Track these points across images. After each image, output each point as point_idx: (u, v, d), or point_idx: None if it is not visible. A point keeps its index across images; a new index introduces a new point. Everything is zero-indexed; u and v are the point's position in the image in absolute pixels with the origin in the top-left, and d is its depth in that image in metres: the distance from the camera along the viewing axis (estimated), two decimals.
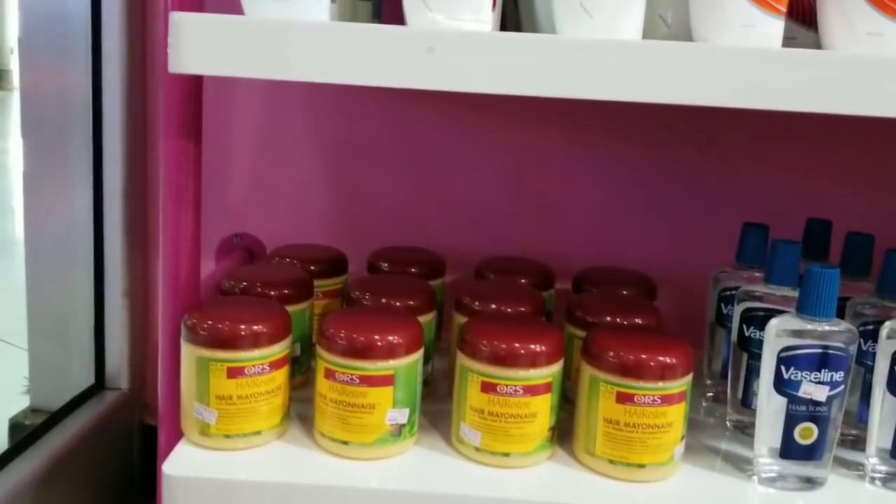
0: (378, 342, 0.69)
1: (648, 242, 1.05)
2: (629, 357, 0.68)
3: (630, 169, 1.04)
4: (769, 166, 1.03)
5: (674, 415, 0.69)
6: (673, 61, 0.60)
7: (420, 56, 0.60)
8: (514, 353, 0.69)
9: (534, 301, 0.83)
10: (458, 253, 1.02)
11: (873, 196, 1.02)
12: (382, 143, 1.06)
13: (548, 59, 0.60)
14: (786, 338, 0.67)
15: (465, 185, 1.06)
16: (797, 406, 0.68)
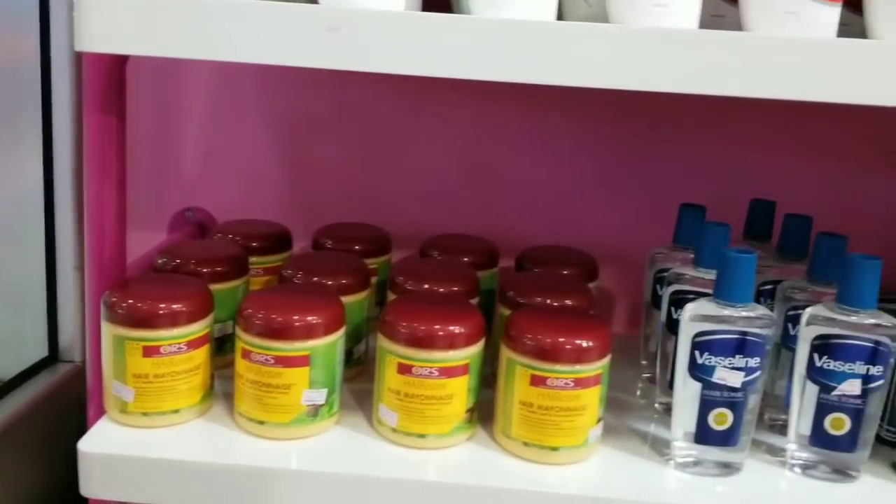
0: (294, 323, 0.69)
1: (599, 221, 1.04)
2: (544, 340, 0.67)
3: (582, 147, 1.03)
4: (722, 146, 1.02)
5: (588, 398, 0.68)
6: (583, 43, 0.58)
7: (323, 35, 0.59)
8: (431, 335, 0.69)
9: (467, 281, 0.83)
10: (409, 230, 1.01)
11: (823, 177, 1.00)
12: (335, 118, 1.05)
13: (454, 39, 0.59)
14: (701, 323, 0.67)
15: (417, 161, 1.06)
16: (711, 391, 0.67)
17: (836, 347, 0.67)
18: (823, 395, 0.68)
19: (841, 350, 0.66)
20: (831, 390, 0.68)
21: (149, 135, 1.06)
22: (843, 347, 0.66)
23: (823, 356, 0.67)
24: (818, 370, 0.68)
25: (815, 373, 0.68)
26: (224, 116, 1.06)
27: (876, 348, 0.66)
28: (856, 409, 0.68)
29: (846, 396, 0.67)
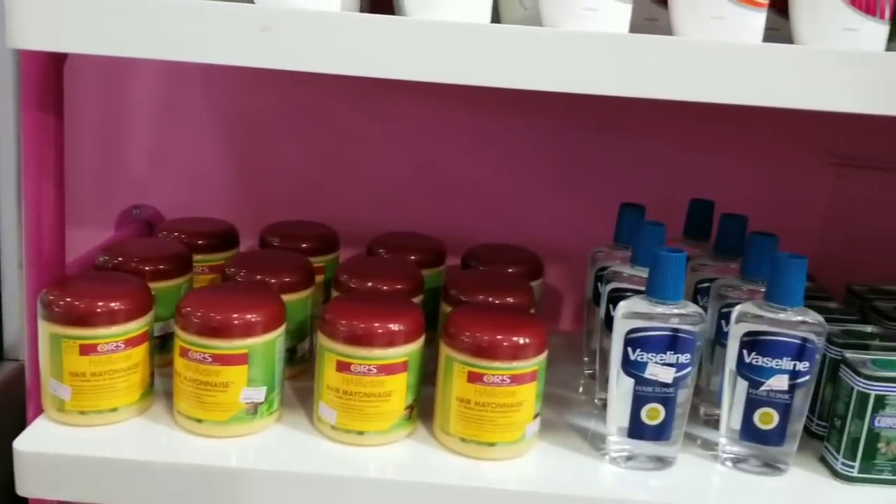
0: (232, 321, 0.69)
1: (546, 219, 1.05)
2: (480, 337, 0.68)
3: (530, 146, 1.04)
4: (668, 146, 1.03)
5: (524, 394, 0.69)
6: (512, 45, 0.59)
7: (257, 34, 0.59)
8: (369, 333, 0.69)
9: (410, 279, 0.83)
10: (357, 228, 1.01)
11: (764, 178, 1.03)
12: (284, 116, 1.05)
13: (385, 40, 0.59)
14: (633, 320, 0.68)
15: (367, 160, 1.06)
16: (644, 387, 0.69)
17: (764, 344, 0.68)
18: (752, 390, 0.70)
19: (769, 346, 0.68)
20: (760, 386, 0.69)
21: (97, 132, 1.05)
22: (770, 344, 0.68)
23: (752, 352, 0.69)
24: (747, 366, 0.69)
25: (744, 369, 0.70)
26: (173, 114, 1.05)
27: (803, 345, 0.68)
28: (783, 404, 0.69)
29: (774, 392, 0.69)
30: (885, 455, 0.70)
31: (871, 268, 1.00)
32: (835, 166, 1.02)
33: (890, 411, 0.68)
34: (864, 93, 0.58)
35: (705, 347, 0.80)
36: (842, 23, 0.62)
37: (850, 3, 0.62)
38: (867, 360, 0.70)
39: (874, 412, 0.68)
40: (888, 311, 0.84)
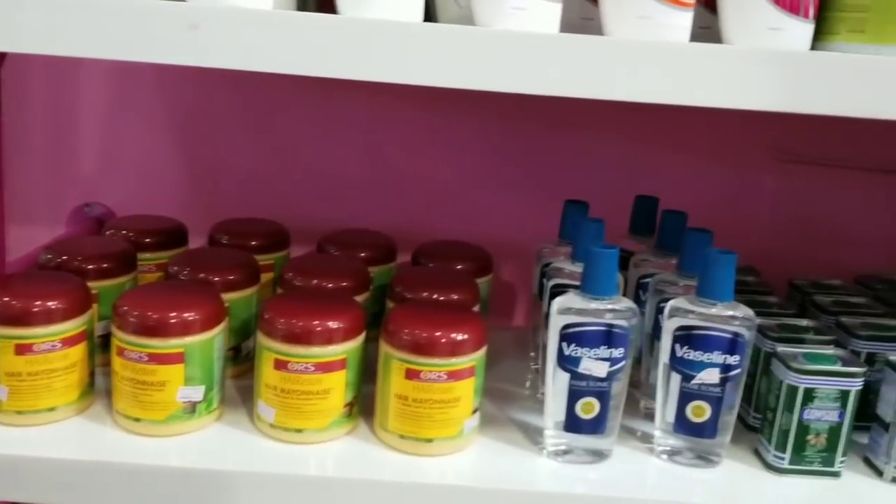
0: (168, 320, 0.69)
1: (498, 216, 1.06)
2: (417, 334, 0.69)
3: (482, 143, 1.05)
4: (618, 144, 1.04)
5: (461, 390, 0.70)
6: (441, 43, 0.60)
7: (184, 32, 0.59)
8: (307, 331, 0.69)
9: (356, 276, 0.83)
10: (309, 225, 1.02)
11: (711, 174, 1.04)
12: (234, 111, 1.05)
13: (315, 38, 0.59)
14: (568, 315, 0.69)
15: (319, 156, 1.06)
16: (579, 381, 0.70)
17: (695, 338, 0.69)
18: (685, 384, 0.71)
19: (700, 341, 0.69)
20: (692, 379, 0.70)
21: (47, 130, 1.05)
22: (702, 338, 0.69)
23: (684, 346, 0.70)
24: (680, 360, 0.70)
25: (677, 363, 0.71)
26: (125, 111, 1.05)
27: (733, 339, 0.69)
28: (715, 397, 0.71)
29: (706, 385, 0.70)
30: (815, 447, 0.71)
31: (815, 262, 1.02)
32: (780, 162, 1.03)
33: (819, 404, 0.70)
34: (786, 91, 0.59)
35: (645, 341, 0.81)
36: (767, 22, 0.63)
37: (775, 2, 0.63)
38: (798, 354, 0.71)
39: (803, 405, 0.70)
40: (826, 306, 0.86)
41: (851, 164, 1.03)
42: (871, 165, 1.03)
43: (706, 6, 0.68)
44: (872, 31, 0.63)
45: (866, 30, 0.63)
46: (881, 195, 1.04)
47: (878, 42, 0.63)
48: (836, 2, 0.64)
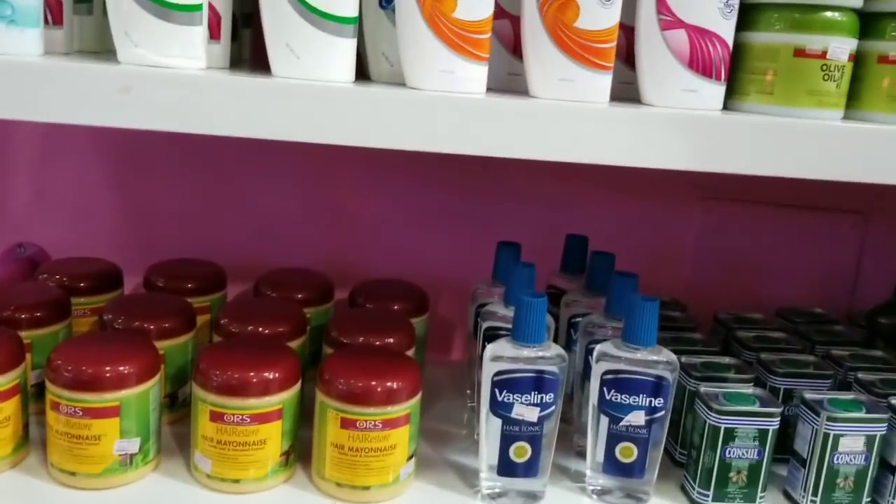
0: (102, 374, 0.69)
1: (436, 253, 1.08)
2: (352, 384, 0.70)
3: (421, 183, 1.07)
4: (550, 184, 1.07)
5: (397, 437, 0.71)
6: (367, 105, 0.61)
7: (117, 95, 0.60)
8: (243, 382, 0.70)
9: (292, 320, 0.84)
10: (248, 264, 1.02)
11: (638, 213, 1.07)
12: (169, 149, 1.05)
13: (245, 99, 0.61)
14: (499, 363, 0.71)
15: (256, 196, 1.07)
16: (511, 427, 0.72)
17: (622, 382, 0.72)
18: (613, 425, 0.73)
19: (626, 384, 0.72)
20: (619, 421, 0.73)
21: None
22: (627, 382, 0.72)
23: (612, 390, 0.73)
24: (608, 403, 0.73)
25: (605, 405, 0.73)
26: (59, 150, 1.04)
27: (658, 382, 0.72)
28: (642, 439, 0.73)
29: (632, 427, 0.73)
30: (736, 483, 0.74)
31: (740, 296, 1.06)
32: (703, 199, 1.08)
33: (739, 442, 0.73)
34: (695, 151, 0.63)
35: (577, 380, 0.84)
36: (682, 84, 0.67)
37: (689, 66, 0.66)
38: (719, 395, 0.75)
39: (725, 443, 0.73)
40: (747, 341, 0.90)
41: (770, 201, 1.07)
42: (788, 202, 1.08)
43: (627, 63, 0.71)
44: (780, 94, 0.66)
45: (774, 92, 0.67)
46: (799, 230, 1.09)
47: (784, 104, 0.66)
48: (747, 64, 0.68)
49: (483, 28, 0.63)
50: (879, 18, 0.68)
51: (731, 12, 0.66)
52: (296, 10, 0.61)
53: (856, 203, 1.09)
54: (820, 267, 1.10)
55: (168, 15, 0.61)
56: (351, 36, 0.63)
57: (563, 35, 0.64)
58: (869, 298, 1.05)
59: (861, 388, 0.80)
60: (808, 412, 0.75)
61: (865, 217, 1.09)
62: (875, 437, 0.73)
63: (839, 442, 0.73)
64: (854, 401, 0.76)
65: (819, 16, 0.66)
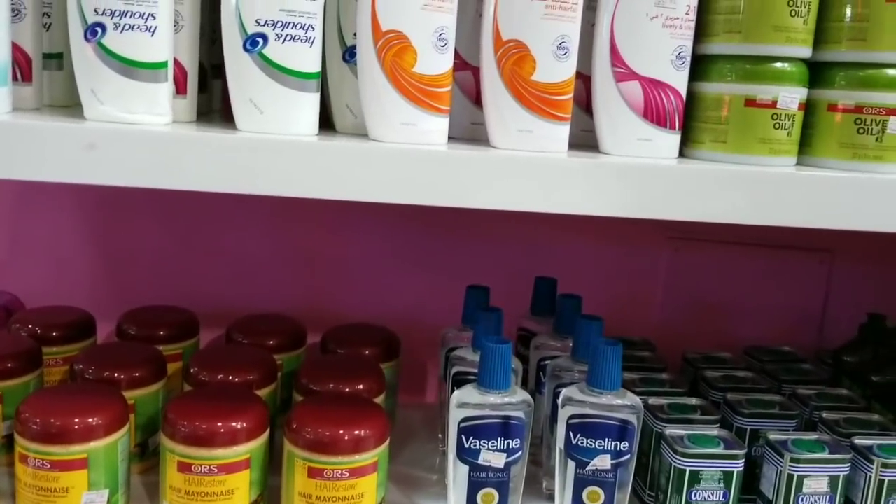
0: (71, 426, 0.69)
1: (409, 296, 1.09)
2: (320, 433, 0.71)
3: (391, 227, 1.08)
4: (520, 226, 1.08)
5: (365, 486, 0.72)
6: (329, 158, 0.63)
7: (82, 152, 0.61)
8: (211, 434, 0.70)
9: (262, 369, 0.85)
10: (220, 309, 1.03)
11: (607, 255, 1.09)
12: (143, 197, 1.06)
13: (213, 156, 0.62)
14: (465, 409, 0.72)
15: (229, 240, 1.08)
16: (478, 473, 0.72)
17: (587, 426, 0.73)
18: (580, 469, 0.74)
19: (591, 429, 0.73)
20: (586, 466, 0.74)
21: None
22: (593, 426, 0.73)
23: (578, 434, 0.73)
24: (574, 447, 0.74)
25: (571, 450, 0.74)
26: (32, 197, 1.05)
27: (622, 426, 0.73)
28: (609, 482, 0.74)
29: (599, 471, 0.74)
30: None
31: (708, 335, 1.08)
32: (672, 240, 1.09)
33: (704, 485, 0.74)
34: (648, 199, 0.64)
35: (546, 423, 0.85)
36: (637, 133, 0.68)
37: (644, 116, 0.68)
38: (684, 437, 0.76)
39: (690, 486, 0.74)
40: (715, 381, 0.91)
41: (738, 241, 1.09)
42: (756, 241, 1.09)
43: (587, 111, 0.73)
44: (733, 142, 0.68)
45: (727, 140, 0.69)
46: (767, 269, 1.10)
47: (737, 152, 0.68)
48: (701, 113, 0.70)
49: (443, 82, 0.65)
50: (828, 68, 0.70)
51: (684, 64, 0.68)
52: (259, 66, 0.63)
53: (822, 242, 1.11)
54: (788, 306, 1.12)
55: (133, 73, 0.62)
56: (314, 90, 0.65)
57: (521, 88, 0.66)
58: (837, 337, 1.06)
59: (825, 427, 0.81)
60: (773, 453, 0.76)
61: (832, 256, 1.11)
62: (838, 477, 0.74)
63: (803, 483, 0.74)
64: (817, 441, 0.77)
65: (769, 66, 0.68)
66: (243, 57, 0.63)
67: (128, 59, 0.62)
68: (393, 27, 0.63)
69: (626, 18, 0.66)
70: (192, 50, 0.69)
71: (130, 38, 0.62)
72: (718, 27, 0.68)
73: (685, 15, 0.67)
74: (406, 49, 0.63)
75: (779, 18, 0.66)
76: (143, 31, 0.62)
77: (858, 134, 0.68)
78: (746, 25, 0.67)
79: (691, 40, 0.68)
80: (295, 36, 0.63)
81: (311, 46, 0.64)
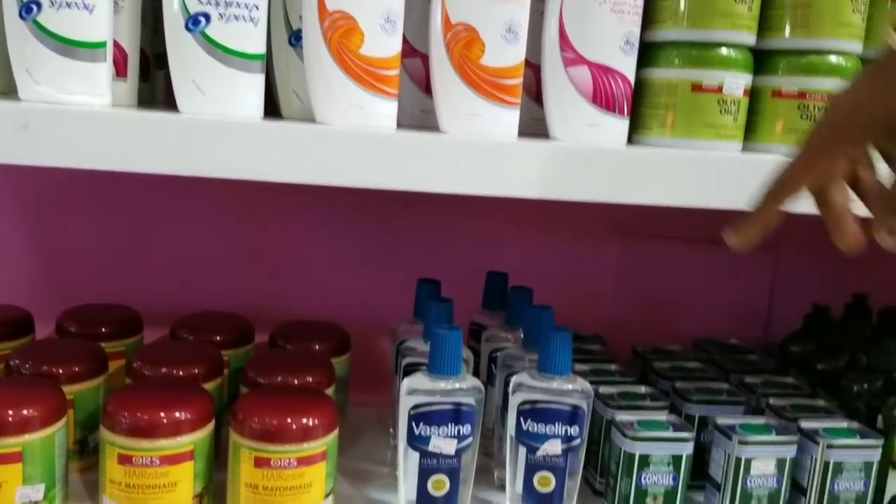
0: (4, 418, 0.67)
1: (358, 293, 1.07)
2: (267, 422, 0.69)
3: (341, 223, 1.07)
4: (472, 222, 1.08)
5: (313, 475, 0.70)
6: (274, 142, 0.61)
7: (15, 132, 0.59)
8: (152, 424, 0.68)
9: (208, 362, 0.83)
10: (166, 308, 1.00)
11: (558, 249, 1.09)
12: (83, 193, 1.03)
13: (152, 136, 0.60)
14: (416, 396, 0.71)
15: (174, 238, 1.05)
16: (429, 460, 0.71)
17: (538, 412, 0.73)
18: (530, 455, 0.74)
19: (542, 414, 0.73)
20: (536, 451, 0.73)
21: None
22: (543, 412, 0.72)
23: (528, 420, 0.73)
24: (525, 433, 0.73)
25: (522, 435, 0.74)
26: None
27: (573, 411, 0.73)
28: (559, 468, 0.74)
29: (549, 456, 0.73)
30: None
31: (658, 330, 1.08)
32: (621, 235, 1.10)
33: (654, 468, 0.74)
34: (601, 183, 0.64)
35: (497, 414, 0.84)
36: (587, 119, 0.69)
37: (593, 101, 0.68)
38: (633, 422, 0.76)
39: (640, 469, 0.74)
40: (664, 371, 0.91)
41: (686, 237, 1.10)
42: (703, 237, 1.11)
43: (537, 101, 0.73)
44: (679, 127, 0.69)
45: (675, 125, 0.69)
46: (714, 264, 1.12)
47: (684, 136, 0.69)
48: (649, 99, 0.71)
49: (391, 64, 0.64)
50: (772, 55, 0.71)
51: (632, 49, 0.69)
52: (201, 46, 0.62)
53: (768, 237, 1.12)
54: (735, 301, 1.13)
55: (70, 52, 0.60)
56: (258, 72, 0.64)
57: (470, 72, 0.66)
58: (783, 330, 1.08)
59: (772, 412, 0.82)
60: (721, 436, 0.76)
61: (776, 250, 1.13)
62: (785, 459, 0.75)
63: (751, 465, 0.74)
64: (765, 425, 0.78)
65: (714, 52, 0.69)
66: (185, 36, 0.62)
67: (65, 38, 0.60)
68: (339, 7, 0.62)
69: (575, 4, 0.67)
70: (132, 32, 0.68)
71: (68, 16, 0.60)
72: (666, 13, 0.69)
73: (633, 1, 0.67)
74: (353, 30, 0.63)
75: (724, 4, 0.67)
76: (80, 9, 0.61)
77: (802, 119, 0.70)
78: (693, 11, 0.68)
79: (639, 26, 0.69)
80: (239, 15, 0.62)
81: (255, 26, 0.63)
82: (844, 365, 0.89)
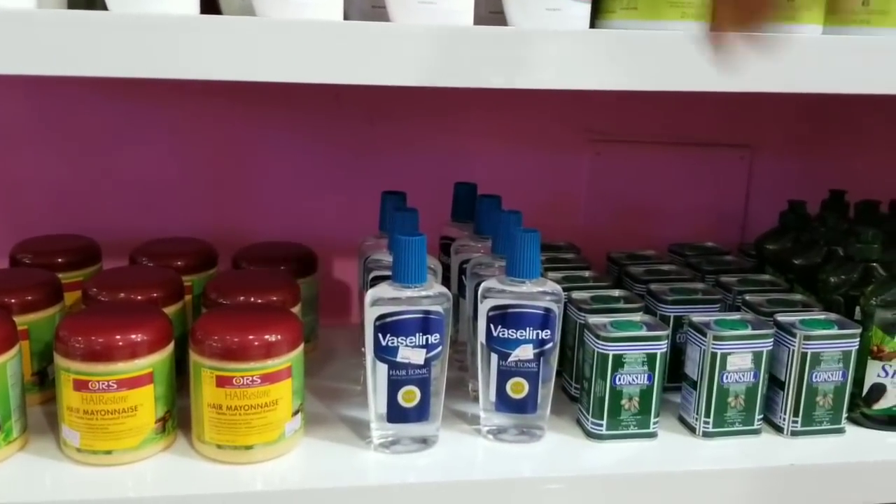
0: None
1: (323, 213, 1.04)
2: (227, 340, 0.67)
3: (303, 142, 1.03)
4: (438, 135, 1.04)
5: (278, 392, 0.68)
6: (211, 36, 0.58)
7: None
8: (109, 346, 0.66)
9: (167, 286, 0.80)
10: (125, 237, 0.96)
11: (528, 158, 1.06)
12: (31, 121, 0.98)
13: (81, 36, 0.56)
14: (381, 306, 0.68)
15: (130, 165, 1.01)
16: (398, 371, 0.69)
17: (508, 317, 0.70)
18: (502, 362, 0.72)
19: (513, 319, 0.70)
20: (508, 357, 0.71)
21: None
22: (514, 316, 0.70)
23: (499, 326, 0.71)
24: (496, 339, 0.71)
25: (493, 342, 0.72)
26: None
27: (545, 315, 0.71)
28: (532, 373, 0.72)
29: (521, 361, 0.72)
30: (629, 411, 0.73)
31: (633, 236, 1.06)
32: (593, 142, 1.07)
33: (629, 368, 0.72)
34: (564, 68, 0.61)
35: (469, 325, 0.82)
36: (546, 3, 0.64)
37: None
38: (606, 324, 0.74)
39: (614, 371, 0.72)
40: (638, 275, 0.89)
41: (659, 140, 1.07)
42: (676, 140, 1.08)
43: None
44: (644, 8, 0.65)
45: (638, 6, 0.65)
46: (688, 168, 1.09)
47: (649, 18, 0.65)
48: None
49: None
50: None
51: None
52: None
53: (741, 137, 1.10)
54: (710, 203, 1.11)
55: None
56: None
57: None
58: (760, 230, 1.06)
59: (748, 308, 0.80)
60: (696, 334, 0.74)
61: (751, 150, 1.11)
62: (762, 353, 0.74)
63: (727, 360, 0.73)
64: (740, 320, 0.76)
65: None
66: None
67: None
68: None
69: None
70: None
71: None
72: None
73: None
74: None
75: None
76: None
77: None
78: None
79: None
80: None
81: None
82: (821, 259, 0.87)
